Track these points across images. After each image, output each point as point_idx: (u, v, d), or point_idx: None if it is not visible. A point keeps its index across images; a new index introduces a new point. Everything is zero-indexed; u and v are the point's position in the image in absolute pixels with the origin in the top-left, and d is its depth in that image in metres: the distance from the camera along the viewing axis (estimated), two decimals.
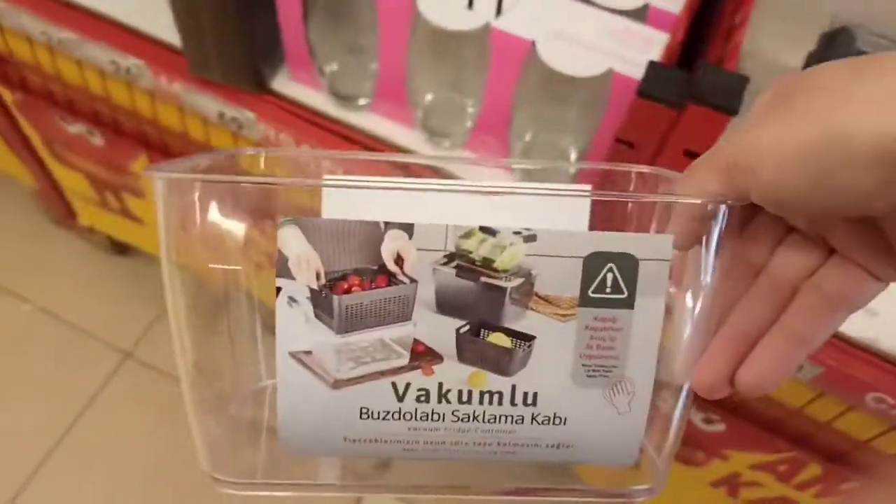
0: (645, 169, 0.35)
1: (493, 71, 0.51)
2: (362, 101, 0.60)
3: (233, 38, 0.56)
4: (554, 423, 0.28)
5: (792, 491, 0.74)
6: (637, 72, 0.46)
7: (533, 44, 0.48)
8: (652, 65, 0.45)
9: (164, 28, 0.63)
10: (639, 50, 0.47)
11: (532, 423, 0.27)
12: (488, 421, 0.27)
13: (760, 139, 0.23)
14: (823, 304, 0.26)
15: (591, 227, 0.27)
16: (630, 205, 0.27)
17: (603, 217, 0.26)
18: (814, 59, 0.55)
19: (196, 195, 0.26)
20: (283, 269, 0.25)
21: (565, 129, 0.54)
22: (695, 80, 0.44)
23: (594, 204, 0.27)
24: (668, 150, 0.47)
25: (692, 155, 0.48)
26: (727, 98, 0.43)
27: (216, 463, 0.29)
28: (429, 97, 0.57)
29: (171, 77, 0.63)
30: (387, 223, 0.25)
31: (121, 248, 1.23)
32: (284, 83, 0.63)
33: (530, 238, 0.25)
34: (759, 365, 0.26)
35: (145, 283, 1.21)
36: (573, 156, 0.53)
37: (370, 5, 0.51)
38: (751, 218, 0.27)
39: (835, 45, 0.52)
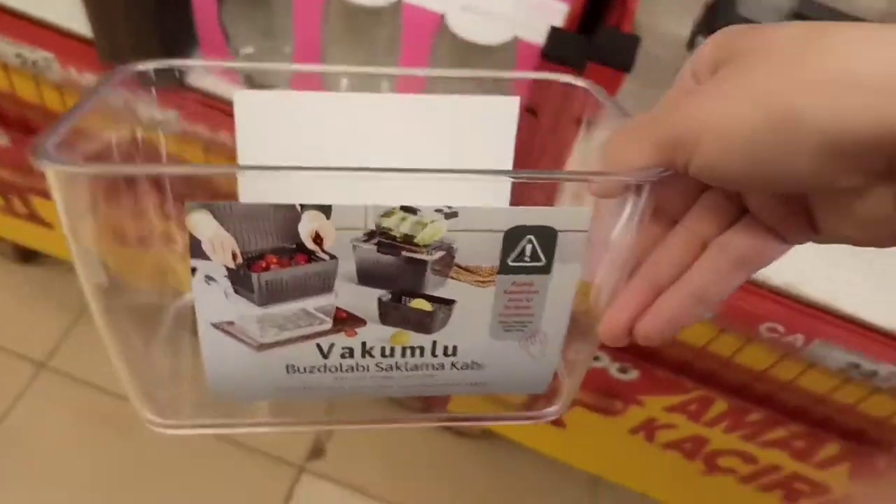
0: (580, 83, 0.34)
1: (406, 46, 0.51)
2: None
3: (146, 24, 0.53)
4: (472, 369, 0.29)
5: (703, 428, 0.79)
6: (541, 39, 0.49)
7: (442, 16, 0.49)
8: (553, 30, 0.49)
9: (72, 18, 0.59)
10: (542, 19, 0.51)
11: (451, 368, 0.29)
12: (410, 370, 0.29)
13: (704, 115, 0.22)
14: (727, 264, 0.27)
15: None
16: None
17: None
18: (700, 26, 0.60)
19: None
20: (196, 251, 0.24)
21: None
22: (593, 42, 0.48)
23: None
24: None
25: None
26: (622, 56, 0.48)
27: (147, 404, 0.30)
28: (344, 79, 0.54)
29: (80, 68, 0.59)
30: (303, 205, 0.24)
31: (26, 256, 1.13)
32: (199, 76, 0.58)
33: (452, 215, 0.25)
34: (658, 319, 0.28)
35: (56, 290, 1.14)
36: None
37: None
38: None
39: (717, 12, 0.57)
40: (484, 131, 0.32)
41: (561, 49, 0.48)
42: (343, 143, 0.31)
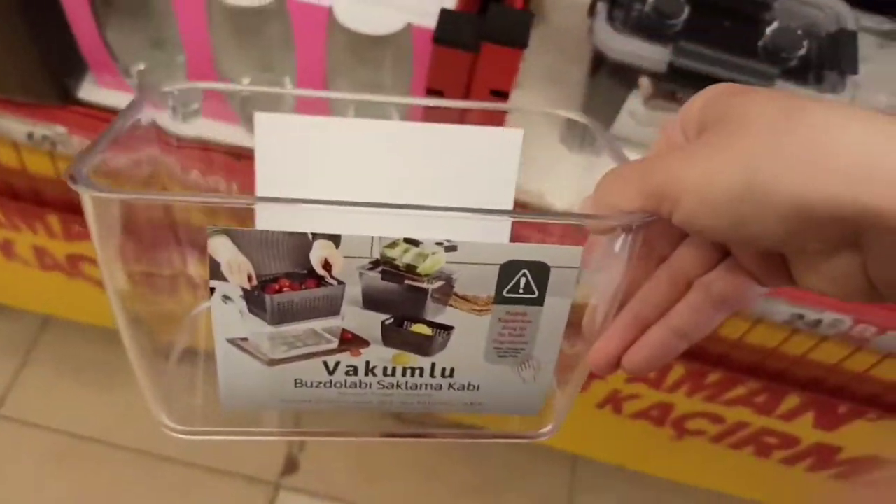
0: (580, 118, 0.36)
1: (300, 44, 0.50)
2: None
3: (24, 52, 0.52)
4: (468, 390, 0.31)
5: (665, 395, 0.82)
6: (435, 23, 0.48)
7: (330, 9, 0.48)
8: (443, 12, 0.47)
9: None
10: (435, 1, 0.48)
11: (449, 389, 0.31)
12: (410, 388, 0.31)
13: (687, 175, 0.24)
14: (708, 303, 0.29)
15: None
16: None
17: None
18: None
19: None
20: (215, 273, 0.27)
21: (383, 92, 0.54)
22: (485, 22, 0.47)
23: None
24: (475, 93, 0.50)
25: (498, 94, 0.51)
26: (516, 34, 0.47)
27: (165, 410, 0.32)
28: (245, 83, 0.54)
29: None
30: (314, 234, 0.26)
31: None
32: (92, 90, 0.59)
33: (451, 248, 0.27)
34: (642, 353, 0.29)
35: None
36: (396, 117, 0.54)
37: None
38: None
39: None
40: (487, 161, 0.34)
41: (452, 32, 0.46)
42: (353, 167, 0.33)
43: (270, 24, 0.50)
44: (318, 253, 0.27)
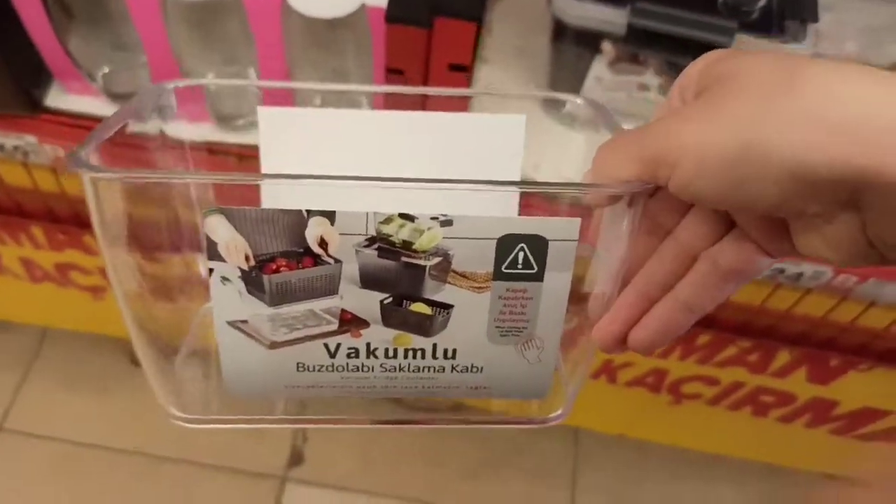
0: (578, 100, 0.35)
1: (257, 33, 0.50)
2: None
3: None
4: (471, 372, 0.31)
5: (658, 360, 0.82)
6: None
7: None
8: None
9: None
10: None
11: (452, 371, 0.31)
12: (413, 371, 0.31)
13: (684, 137, 0.24)
14: (716, 276, 0.28)
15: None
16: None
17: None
18: None
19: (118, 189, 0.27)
20: (213, 253, 0.27)
21: (348, 77, 0.54)
22: None
23: None
24: (434, 69, 0.49)
25: (457, 68, 0.50)
26: (469, 7, 0.46)
27: (172, 401, 0.33)
28: (209, 77, 0.55)
29: None
30: (309, 211, 0.26)
31: None
32: (59, 97, 0.60)
33: (447, 223, 0.27)
34: (649, 328, 0.29)
35: None
36: (364, 102, 0.54)
37: None
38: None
39: None
40: (492, 148, 0.34)
41: (404, 9, 0.46)
42: (356, 158, 0.33)
43: (226, 16, 0.50)
44: (314, 230, 0.27)
